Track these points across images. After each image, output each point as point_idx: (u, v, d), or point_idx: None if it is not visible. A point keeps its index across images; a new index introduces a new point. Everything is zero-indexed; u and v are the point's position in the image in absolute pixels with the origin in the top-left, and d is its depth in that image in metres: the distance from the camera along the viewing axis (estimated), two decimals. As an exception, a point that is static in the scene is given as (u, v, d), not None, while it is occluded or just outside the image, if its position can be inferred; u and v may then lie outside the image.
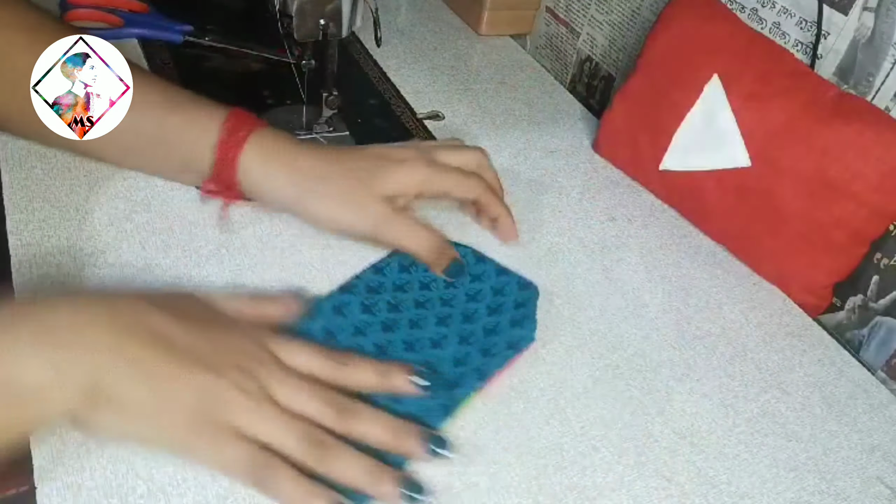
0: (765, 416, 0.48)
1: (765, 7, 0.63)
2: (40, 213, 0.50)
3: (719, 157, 0.59)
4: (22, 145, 0.54)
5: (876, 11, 0.55)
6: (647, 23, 0.74)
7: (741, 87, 0.58)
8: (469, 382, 0.44)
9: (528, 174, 0.66)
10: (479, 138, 0.69)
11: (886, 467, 0.47)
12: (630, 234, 0.62)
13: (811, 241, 0.56)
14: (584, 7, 0.82)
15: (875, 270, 0.58)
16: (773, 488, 0.44)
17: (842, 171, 0.54)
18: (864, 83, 0.57)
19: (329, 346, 0.43)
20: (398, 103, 0.71)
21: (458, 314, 0.49)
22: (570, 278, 0.55)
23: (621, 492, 0.41)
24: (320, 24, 0.58)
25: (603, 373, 0.48)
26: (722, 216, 0.61)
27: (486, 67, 0.82)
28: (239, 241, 0.51)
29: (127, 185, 0.54)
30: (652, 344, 0.52)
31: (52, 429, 0.37)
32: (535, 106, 0.77)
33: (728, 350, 0.53)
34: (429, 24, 0.88)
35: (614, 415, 0.46)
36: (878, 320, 0.58)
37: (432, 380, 0.42)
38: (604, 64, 0.81)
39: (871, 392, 0.52)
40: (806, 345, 0.55)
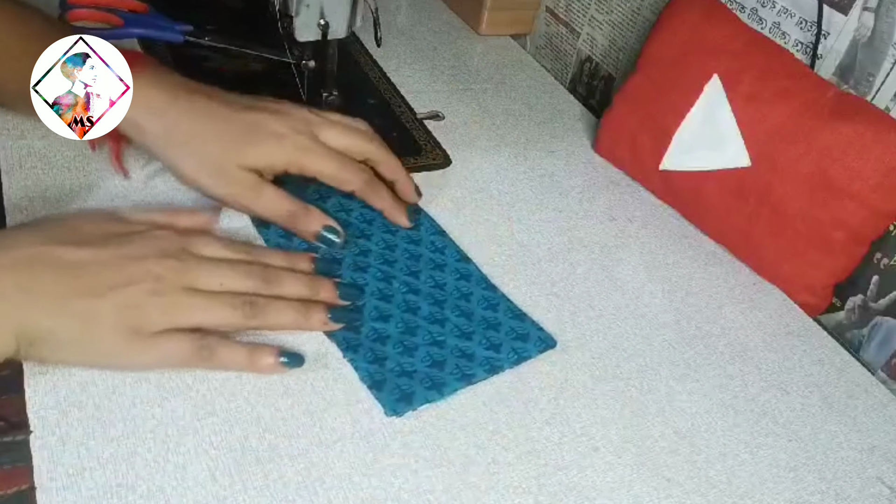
0: (765, 416, 0.48)
1: (765, 7, 0.63)
2: (40, 213, 0.49)
3: (719, 157, 0.59)
4: (22, 145, 0.54)
5: (876, 11, 0.55)
6: (647, 23, 0.74)
7: (741, 87, 0.58)
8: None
9: (528, 174, 0.66)
10: (479, 138, 0.69)
11: (886, 467, 0.47)
12: (630, 234, 0.62)
13: (811, 241, 0.56)
14: (584, 7, 0.82)
15: (875, 270, 0.58)
16: (773, 488, 0.44)
17: (842, 171, 0.54)
18: (864, 83, 0.57)
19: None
20: (398, 103, 0.71)
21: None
22: (570, 278, 0.55)
23: (621, 492, 0.41)
24: (320, 24, 0.58)
25: (603, 373, 0.48)
26: (722, 216, 0.61)
27: (486, 67, 0.82)
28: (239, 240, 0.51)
29: (127, 186, 0.54)
30: (652, 344, 0.52)
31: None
32: (535, 106, 0.77)
33: (728, 350, 0.53)
34: (429, 24, 0.88)
35: (614, 415, 0.46)
36: (878, 320, 0.58)
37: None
38: (604, 64, 0.81)
39: (871, 392, 0.52)
40: (806, 345, 0.55)
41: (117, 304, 0.39)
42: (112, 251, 0.40)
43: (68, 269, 0.39)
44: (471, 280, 0.52)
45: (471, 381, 0.45)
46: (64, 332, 0.38)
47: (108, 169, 0.54)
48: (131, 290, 0.39)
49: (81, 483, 0.36)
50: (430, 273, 0.52)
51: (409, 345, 0.46)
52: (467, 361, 0.46)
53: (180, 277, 0.41)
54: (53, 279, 0.38)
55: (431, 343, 0.46)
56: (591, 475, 0.42)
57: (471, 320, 0.49)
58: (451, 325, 0.48)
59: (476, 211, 0.60)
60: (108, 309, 0.38)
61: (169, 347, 0.40)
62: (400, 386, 0.43)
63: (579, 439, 0.44)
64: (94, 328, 0.38)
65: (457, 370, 0.45)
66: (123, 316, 0.39)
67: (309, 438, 0.40)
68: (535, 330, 0.49)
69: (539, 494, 0.40)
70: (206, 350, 0.40)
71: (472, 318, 0.49)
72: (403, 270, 0.51)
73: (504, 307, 0.50)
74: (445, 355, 0.46)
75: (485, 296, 0.51)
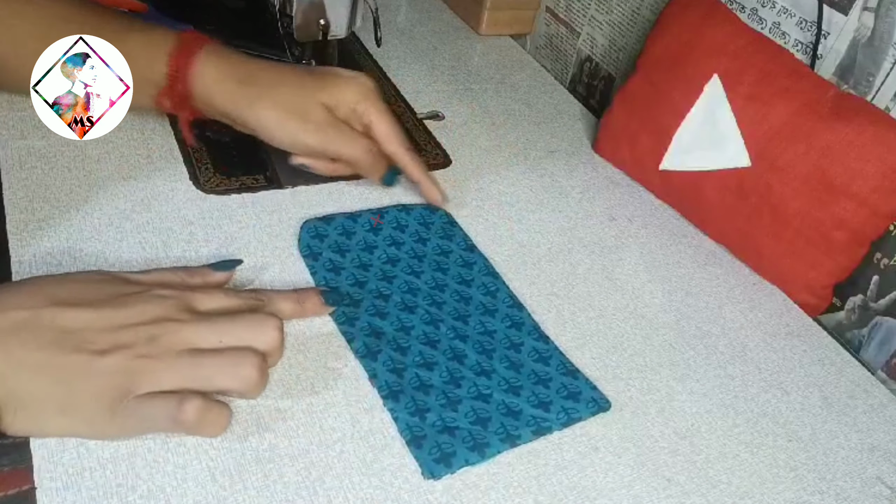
0: (765, 416, 0.48)
1: (765, 7, 0.63)
2: (40, 213, 0.50)
3: (719, 156, 0.59)
4: (22, 145, 0.54)
5: (876, 11, 0.55)
6: (647, 23, 0.74)
7: (741, 87, 0.58)
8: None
9: (528, 174, 0.66)
10: (479, 138, 0.69)
11: (886, 467, 0.47)
12: (630, 234, 0.62)
13: (811, 241, 0.56)
14: (584, 7, 0.82)
15: (875, 270, 0.58)
16: (773, 488, 0.44)
17: (842, 170, 0.54)
18: (864, 83, 0.57)
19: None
20: (398, 103, 0.71)
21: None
22: (570, 278, 0.55)
23: (621, 492, 0.41)
24: (320, 24, 0.58)
25: (603, 373, 0.48)
26: (722, 216, 0.61)
27: (486, 67, 0.82)
28: (241, 240, 0.51)
29: (127, 185, 0.54)
30: (652, 344, 0.52)
31: None
32: (535, 106, 0.77)
33: (728, 350, 0.53)
34: (429, 23, 0.88)
35: (614, 415, 0.46)
36: (878, 320, 0.58)
37: (337, 301, 0.47)
38: (604, 64, 0.81)
39: (871, 392, 0.52)
40: (806, 345, 0.55)
41: (103, 370, 0.36)
42: (108, 314, 0.38)
43: (58, 333, 0.36)
44: (522, 329, 0.49)
45: (515, 443, 0.42)
46: (46, 399, 0.36)
47: (108, 169, 0.54)
48: (119, 356, 0.37)
49: (81, 483, 0.36)
50: (479, 318, 0.49)
51: (452, 397, 0.43)
52: (513, 420, 0.43)
53: (180, 336, 0.39)
54: (39, 345, 0.36)
55: (476, 397, 0.44)
56: (591, 475, 0.42)
57: (519, 373, 0.46)
58: (499, 377, 0.45)
59: (476, 211, 0.60)
60: (94, 377, 0.36)
61: (150, 410, 0.37)
62: (440, 444, 0.41)
63: (579, 439, 0.44)
64: (80, 396, 0.36)
65: (501, 429, 0.42)
66: (110, 384, 0.36)
67: (309, 438, 0.40)
68: (589, 389, 0.46)
69: (539, 494, 0.40)
70: (184, 419, 0.37)
71: (521, 371, 0.46)
72: (452, 314, 0.49)
73: (556, 361, 0.47)
74: (490, 411, 0.43)
75: (536, 347, 0.48)
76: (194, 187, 0.55)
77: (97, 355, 0.36)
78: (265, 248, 0.51)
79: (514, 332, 0.49)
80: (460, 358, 0.46)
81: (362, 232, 0.54)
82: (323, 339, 0.46)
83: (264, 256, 0.51)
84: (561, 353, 0.48)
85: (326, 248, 0.52)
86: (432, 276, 0.52)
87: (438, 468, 0.40)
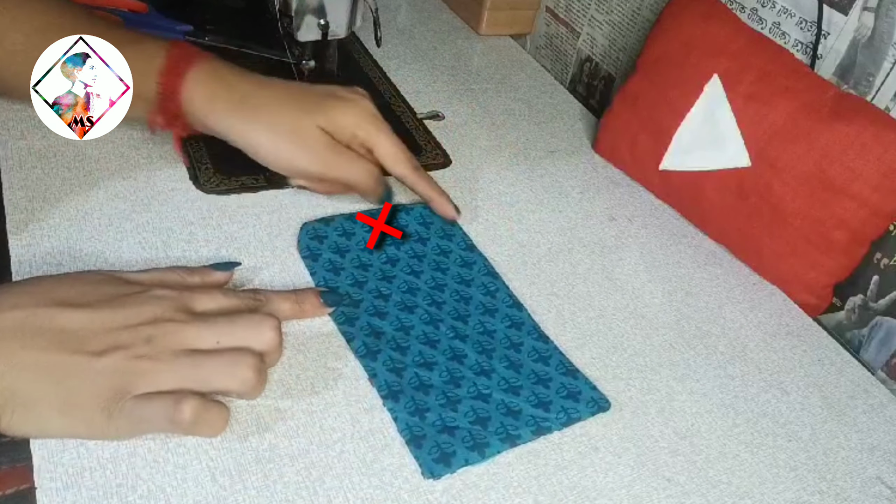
0: (765, 416, 0.48)
1: (765, 7, 0.63)
2: (40, 213, 0.50)
3: (719, 157, 0.59)
4: (22, 145, 0.54)
5: (876, 11, 0.55)
6: (647, 23, 0.74)
7: (741, 87, 0.58)
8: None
9: (528, 174, 0.66)
10: (479, 138, 0.69)
11: (886, 467, 0.47)
12: (630, 234, 0.62)
13: (811, 241, 0.56)
14: (584, 7, 0.82)
15: (875, 270, 0.58)
16: (772, 488, 0.44)
17: (842, 170, 0.54)
18: (864, 83, 0.57)
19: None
20: (398, 103, 0.71)
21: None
22: (570, 278, 0.55)
23: (621, 492, 0.41)
24: (320, 24, 0.58)
25: (603, 373, 0.48)
26: (722, 216, 0.61)
27: (486, 67, 0.82)
28: (240, 240, 0.51)
29: (127, 185, 0.54)
30: (652, 344, 0.52)
31: None
32: (535, 106, 0.77)
33: (728, 350, 0.53)
34: (429, 23, 0.88)
35: (614, 415, 0.46)
36: (878, 320, 0.58)
37: (335, 302, 0.47)
38: (604, 64, 0.81)
39: (871, 392, 0.52)
40: (806, 345, 0.55)
41: (100, 372, 0.36)
42: (106, 314, 0.38)
43: (57, 333, 0.36)
44: (522, 329, 0.49)
45: (515, 443, 0.42)
46: (44, 400, 0.35)
47: (108, 169, 0.54)
48: (117, 357, 0.36)
49: (81, 483, 0.36)
50: (479, 318, 0.49)
51: (452, 397, 0.43)
52: (513, 420, 0.43)
53: (177, 337, 0.38)
54: (38, 345, 0.36)
55: (476, 396, 0.44)
56: (591, 475, 0.42)
57: (519, 373, 0.46)
58: (499, 377, 0.45)
59: (476, 211, 0.60)
60: (92, 378, 0.36)
61: (147, 410, 0.37)
62: (440, 444, 0.41)
63: (579, 439, 0.44)
64: (78, 397, 0.36)
65: (501, 429, 0.42)
66: (108, 384, 0.36)
67: (309, 438, 0.40)
68: (588, 389, 0.46)
69: (539, 494, 0.40)
70: (183, 419, 0.37)
71: (520, 371, 0.46)
72: (452, 314, 0.49)
73: (556, 361, 0.47)
74: (490, 411, 0.43)
75: (536, 347, 0.48)
76: (194, 187, 0.55)
77: (95, 356, 0.36)
78: (265, 249, 0.51)
79: (513, 331, 0.49)
80: (460, 358, 0.46)
81: (362, 232, 0.54)
82: (323, 339, 0.46)
83: (264, 256, 0.51)
84: (561, 352, 0.48)
85: (326, 249, 0.52)
86: (432, 276, 0.52)
87: (438, 468, 0.40)
